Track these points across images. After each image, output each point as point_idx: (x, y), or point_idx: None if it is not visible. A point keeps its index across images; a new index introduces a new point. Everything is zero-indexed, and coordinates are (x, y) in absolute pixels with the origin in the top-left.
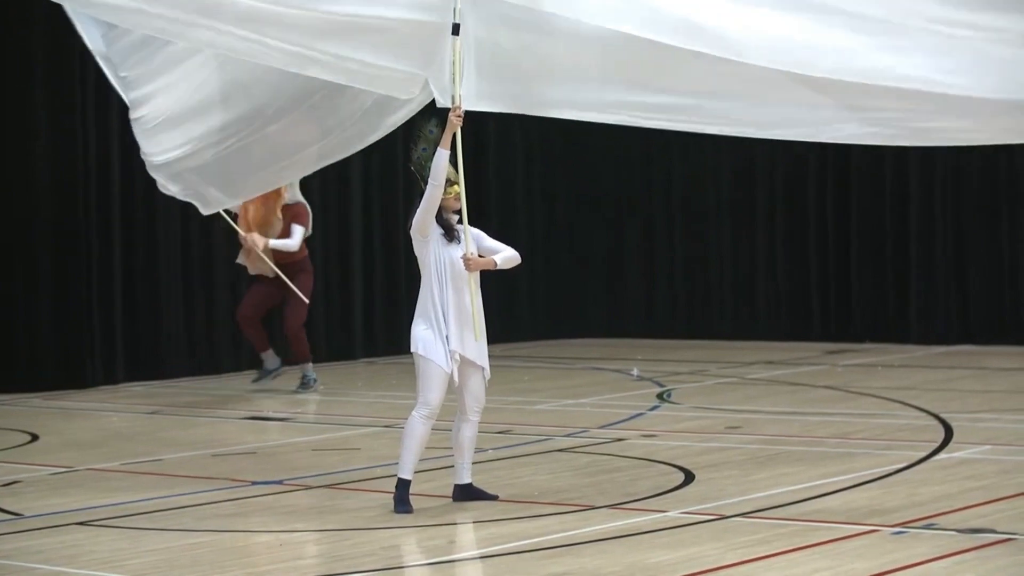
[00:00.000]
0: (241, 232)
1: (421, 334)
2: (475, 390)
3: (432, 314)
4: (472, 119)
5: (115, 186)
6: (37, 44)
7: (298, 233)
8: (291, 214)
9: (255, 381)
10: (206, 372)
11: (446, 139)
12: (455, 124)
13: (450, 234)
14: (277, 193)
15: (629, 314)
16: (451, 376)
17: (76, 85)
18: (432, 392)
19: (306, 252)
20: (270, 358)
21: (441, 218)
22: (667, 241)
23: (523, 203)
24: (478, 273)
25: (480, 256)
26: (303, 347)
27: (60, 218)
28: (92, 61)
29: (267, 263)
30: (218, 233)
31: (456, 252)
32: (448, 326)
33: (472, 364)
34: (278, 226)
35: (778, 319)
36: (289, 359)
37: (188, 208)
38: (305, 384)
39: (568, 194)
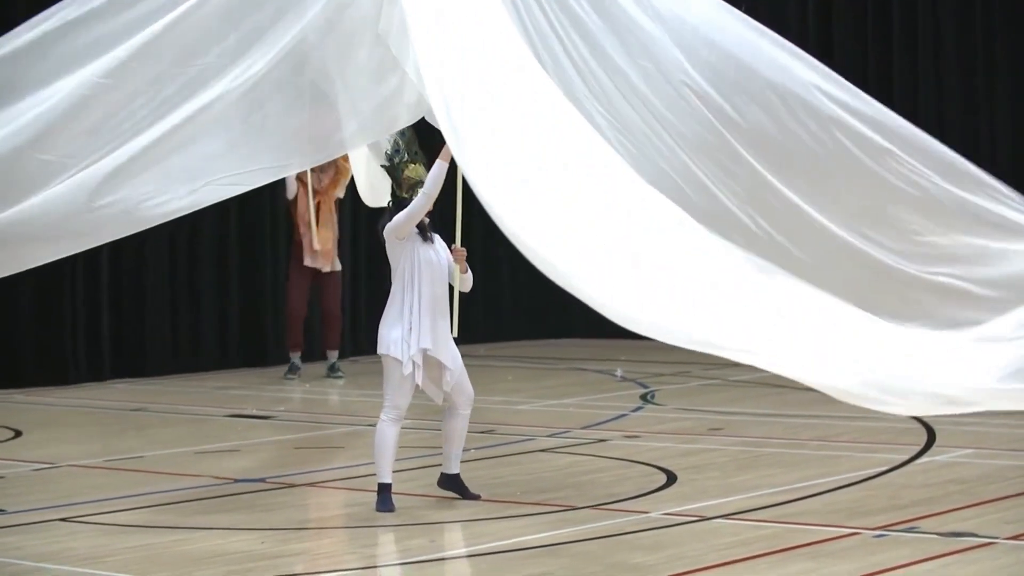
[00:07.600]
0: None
1: (392, 336)
2: (461, 386)
3: (406, 315)
4: None
5: None
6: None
7: None
8: None
9: (288, 377)
10: (191, 370)
11: (446, 151)
12: None
13: (424, 234)
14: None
15: None
16: (414, 378)
17: None
18: (399, 395)
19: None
20: (298, 357)
21: (419, 222)
22: None
23: None
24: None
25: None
26: (337, 331)
27: None
28: None
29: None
30: (205, 231)
31: (431, 252)
32: (421, 326)
33: (445, 367)
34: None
35: None
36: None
37: None
38: (333, 370)
39: None
